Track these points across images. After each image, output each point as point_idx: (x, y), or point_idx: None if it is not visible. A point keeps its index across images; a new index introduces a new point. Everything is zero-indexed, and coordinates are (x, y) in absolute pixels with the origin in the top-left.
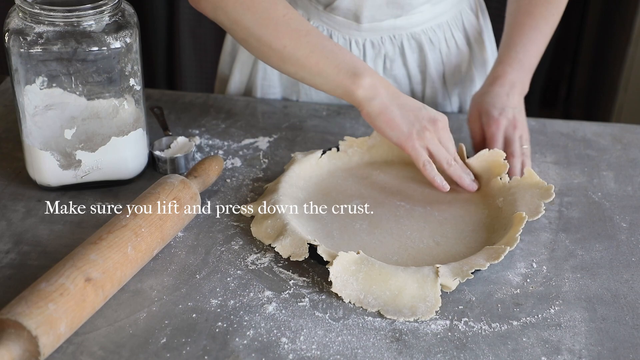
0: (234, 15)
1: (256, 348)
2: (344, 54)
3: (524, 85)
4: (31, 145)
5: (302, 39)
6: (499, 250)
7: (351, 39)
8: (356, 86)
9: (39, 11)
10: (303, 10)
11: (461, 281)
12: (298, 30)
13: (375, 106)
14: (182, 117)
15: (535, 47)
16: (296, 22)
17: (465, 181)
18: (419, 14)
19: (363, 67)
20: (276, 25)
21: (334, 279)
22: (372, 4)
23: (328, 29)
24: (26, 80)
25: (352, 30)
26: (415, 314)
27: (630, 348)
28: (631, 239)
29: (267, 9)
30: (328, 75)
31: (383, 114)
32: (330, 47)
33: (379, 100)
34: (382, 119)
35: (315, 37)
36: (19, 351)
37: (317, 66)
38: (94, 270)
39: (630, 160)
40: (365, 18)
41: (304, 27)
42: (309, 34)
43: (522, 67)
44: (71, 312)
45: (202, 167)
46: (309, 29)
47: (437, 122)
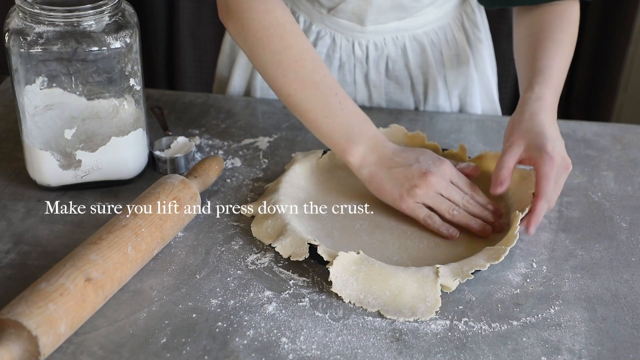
0: (251, 48)
1: (256, 348)
2: (343, 115)
3: (555, 113)
4: (31, 145)
5: (307, 91)
6: (499, 251)
7: (354, 40)
8: (347, 153)
9: (39, 11)
10: (306, 14)
11: (461, 281)
12: (305, 81)
13: (364, 174)
14: (182, 117)
15: (561, 73)
16: (306, 70)
17: (473, 227)
18: (423, 16)
19: (358, 133)
20: (286, 71)
21: (334, 279)
22: (377, 8)
23: (331, 32)
24: (26, 80)
25: (355, 32)
26: (415, 314)
27: (630, 348)
28: (631, 239)
29: (282, 50)
30: (324, 134)
31: (373, 181)
32: (332, 105)
33: (368, 169)
34: (372, 186)
35: (320, 92)
36: (19, 351)
37: (315, 123)
38: (94, 270)
39: (630, 160)
40: (369, 21)
41: (312, 77)
42: (314, 87)
43: (556, 92)
44: (71, 312)
45: (202, 167)
46: (316, 81)
47: (428, 176)
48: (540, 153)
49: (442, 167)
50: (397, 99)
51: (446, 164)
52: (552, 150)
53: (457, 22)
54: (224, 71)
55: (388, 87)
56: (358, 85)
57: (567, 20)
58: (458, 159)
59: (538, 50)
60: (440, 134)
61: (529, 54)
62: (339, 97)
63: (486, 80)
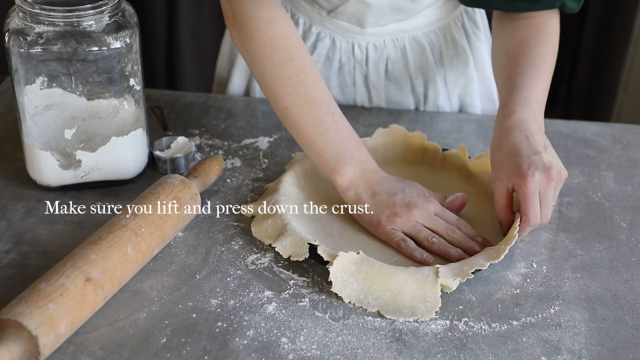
0: (253, 57)
1: (256, 348)
2: (337, 135)
3: (538, 122)
4: (31, 145)
5: (304, 107)
6: (499, 250)
7: (354, 42)
8: (336, 173)
9: (39, 11)
10: (305, 16)
11: (461, 281)
12: (304, 96)
13: (350, 197)
14: (182, 117)
15: (539, 84)
16: (306, 86)
17: (453, 255)
18: (422, 17)
19: (349, 155)
20: (285, 84)
21: (334, 279)
22: (376, 11)
23: (331, 34)
24: (26, 80)
25: (355, 34)
26: (415, 314)
27: (630, 348)
28: (631, 239)
29: (284, 63)
30: (315, 151)
31: (356, 204)
32: (327, 124)
33: (354, 192)
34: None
35: (317, 109)
36: (19, 351)
37: (308, 139)
38: (94, 270)
39: (630, 160)
40: (369, 23)
41: (311, 93)
42: (312, 103)
43: (529, 104)
44: (71, 312)
45: (202, 167)
46: (315, 97)
47: (413, 207)
48: (517, 177)
49: (427, 202)
50: (397, 99)
51: (433, 201)
52: (527, 169)
53: (457, 22)
54: (224, 72)
55: (388, 88)
56: (358, 87)
57: (543, 33)
58: (458, 159)
59: (512, 68)
60: (440, 134)
61: (505, 71)
62: (336, 116)
63: (486, 80)
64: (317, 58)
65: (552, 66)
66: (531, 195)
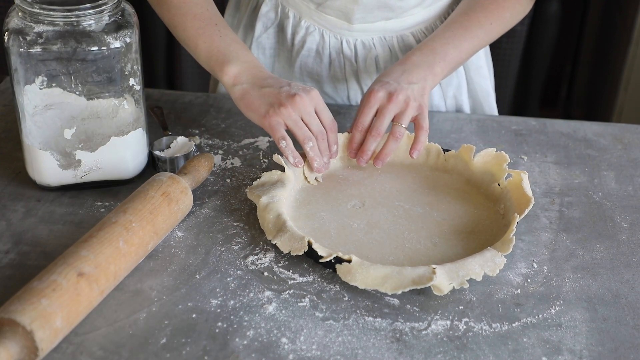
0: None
1: (256, 348)
2: (221, 40)
3: (432, 69)
4: (31, 145)
5: (188, 23)
6: (497, 263)
7: (342, 38)
8: (222, 72)
9: (39, 11)
10: (295, 9)
11: (456, 287)
12: (186, 14)
13: (237, 92)
14: (182, 117)
15: (458, 42)
16: (188, 5)
17: (314, 166)
18: (410, 17)
19: (234, 55)
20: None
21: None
22: (363, 7)
23: (320, 28)
24: (26, 80)
25: (343, 30)
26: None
27: (631, 348)
28: (632, 239)
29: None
30: (202, 58)
31: (243, 98)
32: (210, 33)
33: (240, 87)
34: (242, 103)
35: (200, 21)
36: (16, 348)
37: (195, 49)
38: (86, 265)
39: (631, 160)
40: (356, 19)
41: (193, 10)
42: (195, 17)
43: (433, 53)
44: (66, 307)
45: (191, 165)
46: (197, 13)
47: (295, 97)
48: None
49: (310, 93)
50: None
51: (315, 92)
52: (375, 85)
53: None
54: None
55: None
56: (350, 83)
57: (495, 5)
58: (460, 159)
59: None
60: (440, 133)
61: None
62: (219, 27)
63: (482, 79)
64: (308, 52)
65: (489, 35)
66: (367, 107)
